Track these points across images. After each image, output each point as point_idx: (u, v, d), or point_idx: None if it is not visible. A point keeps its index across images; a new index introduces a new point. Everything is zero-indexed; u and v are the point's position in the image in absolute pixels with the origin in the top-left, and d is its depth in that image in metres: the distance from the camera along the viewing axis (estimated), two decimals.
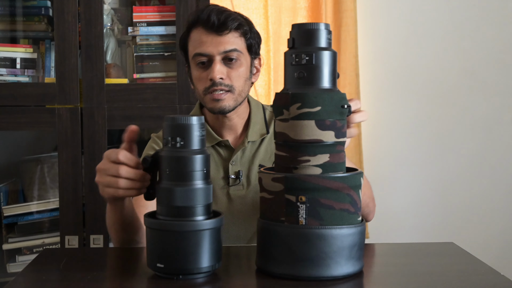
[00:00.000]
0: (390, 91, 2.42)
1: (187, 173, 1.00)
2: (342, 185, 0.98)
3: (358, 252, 1.01)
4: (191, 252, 0.99)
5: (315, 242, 0.97)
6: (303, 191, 0.97)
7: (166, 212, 1.01)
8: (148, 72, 2.10)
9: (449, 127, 2.44)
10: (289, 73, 1.03)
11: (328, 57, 1.01)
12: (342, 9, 2.31)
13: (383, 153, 2.42)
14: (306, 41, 1.01)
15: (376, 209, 1.56)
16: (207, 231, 1.00)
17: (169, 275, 1.01)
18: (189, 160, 1.00)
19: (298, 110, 0.99)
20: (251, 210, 1.45)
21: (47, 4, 2.09)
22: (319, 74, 1.00)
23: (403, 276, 1.05)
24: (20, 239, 2.09)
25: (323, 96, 0.99)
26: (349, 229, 0.98)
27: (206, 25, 1.39)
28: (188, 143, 1.00)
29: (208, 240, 1.00)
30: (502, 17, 2.43)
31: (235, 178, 1.46)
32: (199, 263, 0.99)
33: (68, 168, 1.99)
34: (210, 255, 1.00)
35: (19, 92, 1.99)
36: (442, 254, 1.20)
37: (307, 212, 0.97)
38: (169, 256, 0.99)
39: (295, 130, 0.99)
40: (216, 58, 1.39)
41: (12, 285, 1.01)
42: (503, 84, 2.44)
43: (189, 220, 1.00)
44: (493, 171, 2.46)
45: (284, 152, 1.02)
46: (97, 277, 1.04)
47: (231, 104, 1.41)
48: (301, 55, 1.00)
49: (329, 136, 0.99)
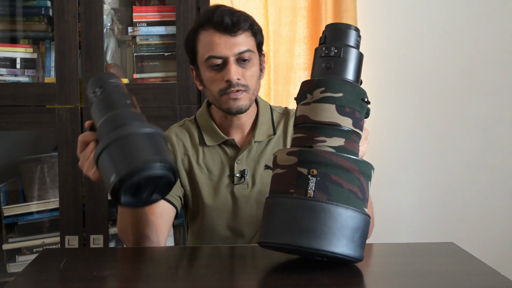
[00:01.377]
0: (390, 91, 2.42)
1: (112, 104, 1.08)
2: (354, 166, 1.00)
3: (360, 239, 1.01)
4: (134, 151, 1.00)
5: (320, 215, 0.98)
6: (316, 164, 1.00)
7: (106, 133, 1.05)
8: (148, 72, 2.10)
9: (449, 127, 2.44)
10: (317, 64, 1.09)
11: (355, 54, 1.09)
12: (342, 9, 2.31)
13: (383, 153, 2.42)
14: (337, 37, 1.09)
15: (376, 209, 1.56)
16: (145, 134, 1.02)
17: (124, 185, 1.00)
18: (109, 96, 1.10)
19: (321, 94, 1.04)
20: (255, 209, 1.46)
21: (47, 4, 2.10)
22: (345, 67, 1.07)
23: (403, 276, 1.05)
24: (20, 239, 2.09)
25: (346, 84, 1.05)
26: (354, 212, 0.99)
27: (219, 27, 1.39)
28: (106, 89, 1.11)
29: (150, 141, 1.01)
30: (502, 17, 2.42)
31: (240, 176, 1.47)
32: (145, 156, 0.99)
33: (68, 168, 1.99)
34: (155, 151, 1.01)
35: (19, 92, 2.00)
36: (442, 254, 1.20)
37: (316, 186, 0.99)
38: (116, 164, 1.00)
39: (316, 112, 1.04)
40: (231, 60, 1.39)
41: (12, 285, 1.01)
42: (503, 84, 2.44)
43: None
44: (493, 171, 2.46)
45: (302, 133, 1.05)
46: (97, 277, 1.04)
47: (247, 103, 1.43)
48: (331, 48, 1.07)
49: (347, 122, 1.03)
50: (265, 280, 1.02)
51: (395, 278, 1.05)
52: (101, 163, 1.03)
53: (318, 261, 1.06)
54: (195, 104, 2.00)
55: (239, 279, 1.04)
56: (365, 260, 1.07)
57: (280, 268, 1.08)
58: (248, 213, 1.46)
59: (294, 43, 2.35)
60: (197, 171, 1.48)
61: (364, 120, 1.08)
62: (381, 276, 1.08)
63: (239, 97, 1.41)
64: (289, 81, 2.36)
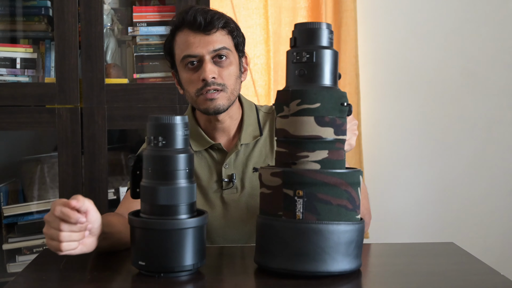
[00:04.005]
0: (390, 91, 2.42)
1: (169, 172, 1.01)
2: (340, 181, 0.98)
3: (356, 250, 1.01)
4: (172, 250, 1.00)
5: (311, 236, 0.97)
6: (301, 185, 0.98)
7: (150, 210, 1.02)
8: (148, 72, 2.10)
9: (449, 127, 2.44)
10: (290, 71, 1.04)
11: (329, 55, 1.02)
12: (342, 9, 2.31)
13: (383, 153, 2.42)
14: (308, 40, 1.02)
15: (376, 209, 1.56)
16: (189, 230, 1.01)
17: (151, 273, 1.01)
18: (171, 159, 1.01)
19: (298, 106, 1.00)
20: (246, 213, 1.43)
21: (47, 4, 2.09)
22: (319, 72, 1.01)
23: (403, 276, 1.05)
24: (20, 239, 2.09)
25: (323, 93, 1.00)
26: (346, 226, 0.98)
27: (192, 26, 1.38)
28: (170, 142, 1.02)
29: (191, 239, 1.01)
30: (502, 17, 2.43)
31: (229, 181, 1.44)
32: (181, 261, 1.00)
33: (68, 168, 1.99)
34: (192, 253, 1.01)
35: (19, 92, 1.99)
36: (442, 254, 1.20)
37: (304, 207, 0.98)
38: (151, 254, 1.00)
39: (295, 126, 1.00)
40: (206, 58, 1.37)
41: (12, 285, 1.01)
42: (503, 84, 2.44)
43: (171, 218, 1.01)
44: (493, 171, 2.46)
45: (283, 148, 1.03)
46: (97, 277, 1.04)
47: (225, 103, 1.39)
48: (302, 53, 1.01)
49: (328, 132, 1.00)
50: (265, 280, 1.02)
51: (395, 278, 1.05)
52: (136, 234, 1.03)
53: None
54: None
55: (239, 279, 1.04)
56: (365, 260, 1.07)
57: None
58: (239, 217, 1.43)
59: None
60: None
61: (346, 122, 1.04)
62: (381, 276, 1.08)
63: (215, 97, 1.38)
64: None
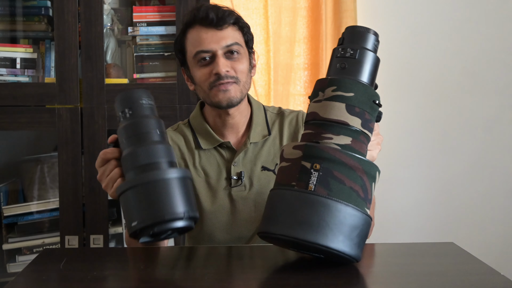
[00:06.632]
0: (390, 91, 2.42)
1: (142, 134, 1.04)
2: (358, 165, 1.00)
3: (358, 238, 1.00)
4: (159, 200, 0.99)
5: (319, 209, 0.98)
6: (319, 159, 1.00)
7: (133, 176, 1.03)
8: (148, 72, 2.10)
9: (449, 127, 2.44)
10: (333, 64, 1.10)
11: (371, 57, 1.09)
12: (342, 9, 2.31)
13: (383, 153, 2.41)
14: (354, 39, 1.10)
15: (377, 209, 1.55)
16: (173, 179, 1.01)
17: (145, 231, 1.01)
18: (140, 123, 1.05)
19: (333, 92, 1.05)
20: (253, 211, 1.45)
21: (47, 4, 2.10)
22: (359, 68, 1.07)
23: (403, 276, 1.05)
24: (20, 239, 2.09)
25: (359, 85, 1.05)
26: (354, 210, 0.99)
27: (204, 22, 1.41)
28: (136, 110, 1.07)
29: (176, 188, 1.01)
30: (502, 17, 2.43)
31: (237, 179, 1.46)
32: (169, 209, 0.99)
33: (68, 168, 1.99)
34: (181, 201, 1.01)
35: (19, 92, 2.00)
36: (442, 254, 1.20)
37: (318, 180, 0.99)
38: (140, 210, 1.00)
39: (325, 109, 1.05)
40: (219, 53, 1.40)
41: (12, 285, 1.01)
42: (503, 84, 2.44)
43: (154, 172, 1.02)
44: (493, 171, 2.46)
45: (310, 129, 1.06)
46: (97, 277, 1.04)
47: (238, 95, 1.42)
48: (347, 49, 1.08)
49: (356, 122, 1.04)
50: (265, 280, 1.02)
51: (395, 278, 1.05)
52: (124, 201, 1.02)
53: (317, 261, 1.06)
54: (195, 104, 2.00)
55: (239, 279, 1.04)
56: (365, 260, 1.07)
57: (280, 268, 1.08)
58: (247, 214, 1.45)
59: (294, 43, 2.35)
60: (194, 175, 1.47)
61: (374, 123, 1.08)
62: (381, 276, 1.08)
63: (229, 89, 1.40)
64: (289, 81, 2.36)
